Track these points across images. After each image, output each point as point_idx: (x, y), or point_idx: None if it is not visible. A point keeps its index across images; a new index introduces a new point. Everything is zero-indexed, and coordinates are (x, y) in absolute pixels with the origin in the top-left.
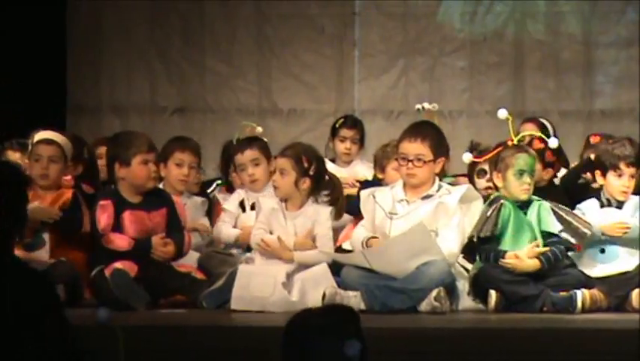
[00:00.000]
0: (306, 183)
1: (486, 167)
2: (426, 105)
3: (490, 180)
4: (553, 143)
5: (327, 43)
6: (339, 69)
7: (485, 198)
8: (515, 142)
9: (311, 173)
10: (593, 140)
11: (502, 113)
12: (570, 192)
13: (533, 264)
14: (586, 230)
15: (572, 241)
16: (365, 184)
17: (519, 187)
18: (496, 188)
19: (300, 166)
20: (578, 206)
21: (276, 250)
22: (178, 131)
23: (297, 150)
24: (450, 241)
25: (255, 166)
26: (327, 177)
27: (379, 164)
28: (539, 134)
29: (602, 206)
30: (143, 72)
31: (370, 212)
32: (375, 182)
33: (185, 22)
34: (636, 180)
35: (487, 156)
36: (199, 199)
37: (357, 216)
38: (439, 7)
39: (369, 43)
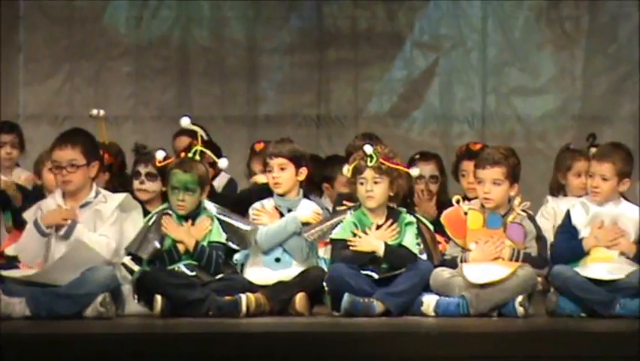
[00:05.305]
0: None
1: None
2: (96, 111)
3: None
4: (223, 163)
5: None
6: (4, 73)
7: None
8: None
9: None
10: (257, 147)
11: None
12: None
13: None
14: (249, 227)
15: (237, 248)
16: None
17: (174, 203)
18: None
19: None
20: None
21: None
22: None
23: None
24: (106, 237)
25: None
26: None
27: (37, 170)
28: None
29: None
30: None
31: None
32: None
33: None
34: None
35: (167, 161)
36: None
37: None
38: (105, 11)
39: (34, 47)
